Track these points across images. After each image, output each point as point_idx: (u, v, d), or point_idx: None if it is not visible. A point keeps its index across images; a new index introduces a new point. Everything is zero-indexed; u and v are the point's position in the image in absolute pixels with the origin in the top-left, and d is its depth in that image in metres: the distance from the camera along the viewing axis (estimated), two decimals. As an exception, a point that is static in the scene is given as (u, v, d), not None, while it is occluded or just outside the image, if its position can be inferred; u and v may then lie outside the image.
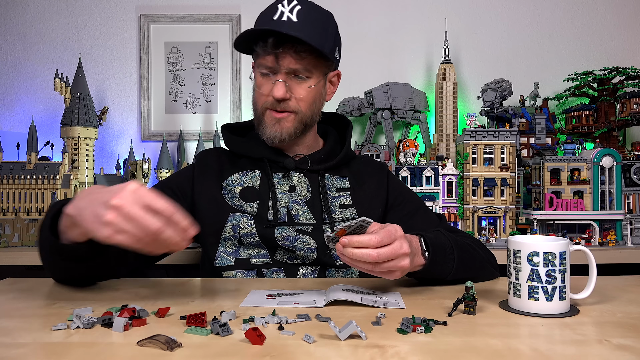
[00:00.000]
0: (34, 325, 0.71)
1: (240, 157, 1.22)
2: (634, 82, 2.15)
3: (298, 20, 1.06)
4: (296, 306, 0.80)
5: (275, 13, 1.07)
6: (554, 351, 0.61)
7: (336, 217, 1.15)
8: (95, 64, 2.39)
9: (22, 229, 1.87)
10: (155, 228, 0.70)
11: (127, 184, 0.72)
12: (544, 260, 0.75)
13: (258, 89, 1.13)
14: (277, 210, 1.12)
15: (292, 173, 1.18)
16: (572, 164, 1.92)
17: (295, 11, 1.07)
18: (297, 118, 1.13)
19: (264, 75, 1.12)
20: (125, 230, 0.70)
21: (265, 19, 1.08)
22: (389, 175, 1.28)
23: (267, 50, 1.07)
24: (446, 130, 2.20)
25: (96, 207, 0.71)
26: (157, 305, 0.80)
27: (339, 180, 1.21)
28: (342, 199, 1.18)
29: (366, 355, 0.59)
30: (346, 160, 1.26)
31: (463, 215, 1.96)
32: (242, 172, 1.19)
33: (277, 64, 1.08)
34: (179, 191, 1.17)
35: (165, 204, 0.72)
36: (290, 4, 1.07)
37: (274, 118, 1.12)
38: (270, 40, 1.06)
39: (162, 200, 0.72)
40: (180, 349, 0.61)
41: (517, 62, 2.41)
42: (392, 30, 2.42)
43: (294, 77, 1.10)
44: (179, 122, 2.38)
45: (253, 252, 1.10)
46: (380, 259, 0.79)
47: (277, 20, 1.06)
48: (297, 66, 1.09)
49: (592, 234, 1.90)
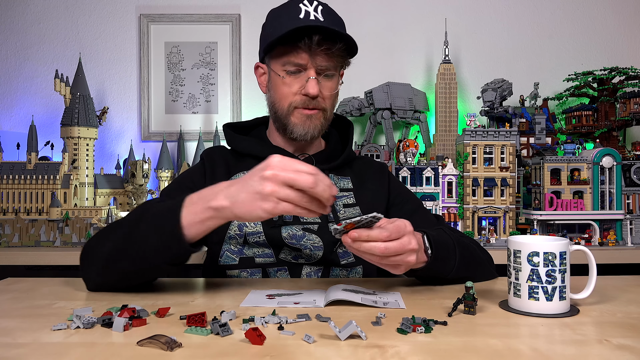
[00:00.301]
0: (34, 325, 0.71)
1: (244, 156, 1.22)
2: (634, 82, 2.15)
3: (325, 19, 1.06)
4: (296, 306, 0.80)
5: (300, 12, 1.05)
6: (554, 351, 0.61)
7: (341, 216, 1.15)
8: (95, 64, 2.39)
9: (22, 229, 1.87)
10: (310, 183, 0.73)
11: (269, 157, 0.76)
12: (544, 260, 0.75)
13: (287, 87, 1.11)
14: None
15: None
16: (572, 164, 1.92)
17: (319, 10, 1.06)
18: (324, 116, 1.14)
19: (291, 74, 1.10)
20: (286, 197, 0.73)
21: (290, 18, 1.06)
22: (390, 175, 1.29)
23: (304, 48, 1.05)
24: (446, 130, 2.20)
25: (250, 187, 0.75)
26: (157, 305, 0.80)
27: (342, 180, 1.22)
28: (345, 199, 1.18)
29: (366, 355, 0.59)
30: (348, 161, 1.26)
31: (463, 215, 1.96)
32: (247, 171, 1.17)
33: (311, 61, 1.07)
34: (196, 188, 1.14)
35: (308, 166, 0.75)
36: (313, 4, 1.07)
37: (304, 115, 1.12)
38: (315, 38, 1.04)
39: (304, 164, 0.75)
40: (180, 349, 0.61)
41: (517, 62, 2.41)
42: (392, 30, 2.42)
43: (323, 76, 1.10)
44: (179, 122, 2.38)
45: (258, 251, 1.10)
46: (388, 252, 0.80)
47: (304, 19, 1.05)
48: (329, 64, 1.09)
49: (592, 234, 1.90)
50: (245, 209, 0.76)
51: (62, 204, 1.92)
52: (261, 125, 1.29)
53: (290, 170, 0.74)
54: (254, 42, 2.42)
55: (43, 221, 1.88)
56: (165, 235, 0.81)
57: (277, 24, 1.09)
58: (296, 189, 0.74)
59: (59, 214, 1.89)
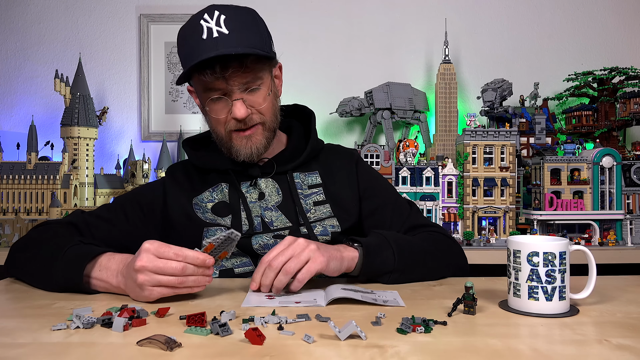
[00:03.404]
0: (34, 325, 0.71)
1: (205, 171, 1.18)
2: (634, 82, 2.15)
3: (229, 30, 0.99)
4: (297, 305, 0.80)
5: (202, 32, 0.98)
6: (553, 351, 0.61)
7: (312, 217, 1.12)
8: (95, 64, 2.39)
9: (22, 229, 1.87)
10: (177, 271, 0.81)
11: (142, 245, 0.84)
12: (543, 260, 0.76)
13: (215, 115, 1.07)
14: (252, 220, 1.10)
15: (259, 180, 1.14)
16: (572, 164, 1.92)
17: (222, 21, 0.99)
18: (265, 127, 1.09)
19: (216, 100, 1.04)
20: (158, 283, 0.81)
21: (193, 42, 1.00)
22: (358, 163, 1.23)
23: (215, 76, 0.99)
24: (446, 130, 2.20)
25: (129, 276, 0.84)
26: (157, 305, 0.80)
27: (309, 176, 1.17)
28: (315, 196, 1.15)
29: (366, 355, 0.59)
30: (314, 154, 1.20)
31: (463, 215, 1.96)
32: (212, 188, 1.15)
33: (228, 85, 1.01)
34: (147, 209, 1.15)
35: (175, 250, 0.82)
36: (214, 17, 0.99)
37: (242, 138, 1.07)
38: (217, 68, 0.98)
39: (172, 248, 0.83)
40: (180, 349, 0.61)
41: (517, 62, 2.41)
42: (392, 30, 2.42)
43: (248, 91, 1.04)
44: (179, 122, 2.38)
45: (236, 262, 1.09)
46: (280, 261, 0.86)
47: (207, 39, 0.98)
48: (248, 79, 1.02)
49: (592, 234, 1.90)
50: (132, 294, 0.85)
51: (62, 204, 1.92)
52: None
53: (156, 260, 0.81)
54: (254, 42, 2.42)
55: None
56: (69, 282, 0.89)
57: (184, 51, 1.03)
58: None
59: (59, 214, 1.89)
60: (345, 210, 1.15)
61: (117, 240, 1.10)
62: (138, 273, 0.81)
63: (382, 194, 1.21)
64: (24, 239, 1.06)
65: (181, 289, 0.83)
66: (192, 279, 0.82)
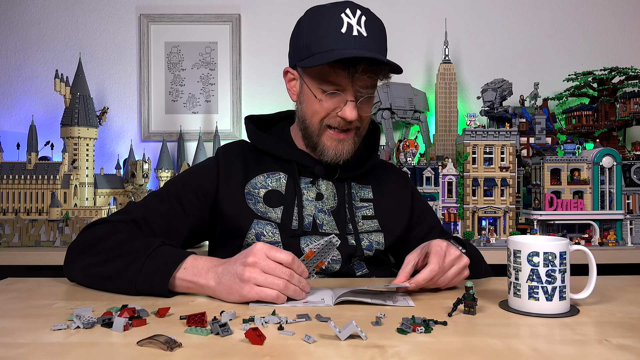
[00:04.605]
0: (34, 325, 0.71)
1: (264, 154, 1.16)
2: (634, 82, 2.15)
3: (368, 34, 1.00)
4: (305, 305, 0.80)
5: (341, 25, 0.99)
6: (554, 351, 0.61)
7: (359, 229, 1.11)
8: (95, 64, 2.39)
9: (22, 229, 1.87)
10: (288, 274, 0.81)
11: (254, 245, 0.83)
12: (544, 260, 0.76)
13: (321, 105, 1.04)
14: (303, 217, 1.08)
15: (320, 180, 1.13)
16: (572, 164, 1.92)
17: (362, 23, 1.00)
18: (358, 133, 1.09)
19: (328, 94, 1.03)
20: (264, 283, 0.80)
21: (330, 32, 0.99)
22: (414, 191, 1.25)
23: (345, 74, 0.99)
24: (446, 130, 2.20)
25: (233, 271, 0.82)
26: (157, 305, 0.80)
27: (363, 189, 1.17)
28: (364, 210, 1.14)
29: (366, 355, 0.59)
30: (372, 168, 1.21)
31: (463, 215, 1.96)
32: (267, 173, 1.12)
33: (352, 85, 1.01)
34: (201, 195, 1.11)
35: (286, 255, 0.82)
36: (356, 14, 1.00)
37: (336, 139, 1.07)
38: (358, 68, 0.98)
39: (282, 252, 0.82)
40: (180, 349, 0.61)
41: (517, 62, 2.41)
42: (392, 30, 2.40)
43: (364, 97, 1.04)
44: (179, 122, 2.38)
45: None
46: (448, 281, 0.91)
47: (346, 35, 0.98)
48: (369, 84, 1.03)
49: (592, 234, 1.90)
50: (224, 292, 0.82)
51: (62, 204, 1.92)
52: (285, 120, 1.23)
53: (269, 260, 0.81)
54: (254, 42, 2.42)
55: (43, 221, 1.88)
56: (153, 287, 0.86)
57: (315, 36, 1.02)
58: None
59: (59, 214, 1.89)
60: (390, 232, 1.14)
61: (176, 232, 1.08)
62: (247, 268, 0.80)
63: (429, 220, 1.25)
64: (90, 242, 0.97)
65: (280, 296, 0.80)
66: (293, 288, 0.81)
